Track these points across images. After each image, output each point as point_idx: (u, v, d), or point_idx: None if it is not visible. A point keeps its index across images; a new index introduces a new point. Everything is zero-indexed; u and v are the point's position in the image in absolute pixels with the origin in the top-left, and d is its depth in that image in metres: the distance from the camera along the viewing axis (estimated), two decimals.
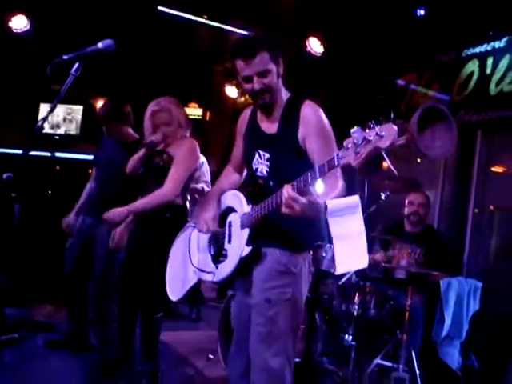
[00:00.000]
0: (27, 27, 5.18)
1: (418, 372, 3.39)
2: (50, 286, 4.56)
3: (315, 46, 5.52)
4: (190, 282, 2.55)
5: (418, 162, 4.99)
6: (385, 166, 5.30)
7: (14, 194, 5.28)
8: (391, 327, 3.62)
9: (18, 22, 5.17)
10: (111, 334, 3.62)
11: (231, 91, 6.77)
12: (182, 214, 3.07)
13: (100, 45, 2.14)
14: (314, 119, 2.21)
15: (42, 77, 2.14)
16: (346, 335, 3.66)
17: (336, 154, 1.82)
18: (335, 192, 2.11)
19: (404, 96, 5.49)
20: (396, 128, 1.68)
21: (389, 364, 3.54)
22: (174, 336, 4.61)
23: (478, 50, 4.66)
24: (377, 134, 1.69)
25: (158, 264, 2.81)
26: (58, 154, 6.11)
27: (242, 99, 6.59)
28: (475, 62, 4.69)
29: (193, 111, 7.58)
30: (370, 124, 1.71)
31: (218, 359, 3.70)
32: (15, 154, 5.33)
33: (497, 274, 4.37)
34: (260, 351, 2.22)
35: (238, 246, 2.29)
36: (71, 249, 3.87)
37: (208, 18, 5.77)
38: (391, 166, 1.80)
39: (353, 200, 2.05)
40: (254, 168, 2.34)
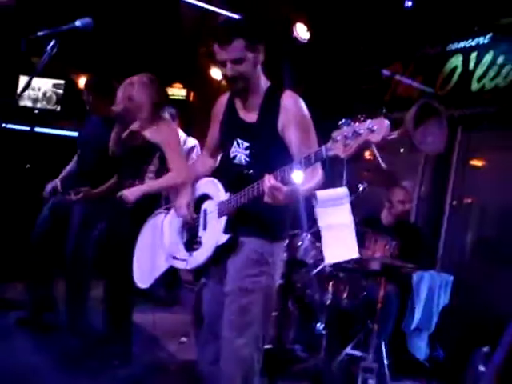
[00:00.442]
0: None
1: (386, 362, 3.44)
2: (21, 263, 4.51)
3: (302, 31, 5.48)
4: (160, 269, 2.54)
5: (400, 151, 5.02)
6: (366, 156, 5.35)
7: None
8: (363, 317, 3.66)
9: None
10: (83, 314, 3.63)
11: (216, 73, 6.69)
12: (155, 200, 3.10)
13: (78, 23, 2.11)
14: (294, 109, 2.20)
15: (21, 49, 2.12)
16: (318, 324, 3.70)
17: (324, 145, 1.82)
18: (315, 180, 2.12)
19: (389, 86, 5.49)
20: (388, 123, 1.68)
21: (359, 353, 3.59)
22: (147, 318, 4.57)
23: (462, 44, 4.66)
24: (368, 127, 1.70)
25: (130, 246, 2.80)
26: (38, 129, 6.00)
27: None
28: (459, 56, 4.69)
29: (177, 91, 7.49)
30: (360, 117, 1.72)
31: (191, 343, 3.71)
32: None
33: (469, 269, 4.46)
34: (231, 339, 2.23)
35: (214, 233, 2.28)
36: (43, 220, 3.80)
37: None
38: (380, 159, 1.80)
39: (341, 191, 2.09)
40: (232, 156, 2.32)
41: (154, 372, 3.49)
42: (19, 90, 3.94)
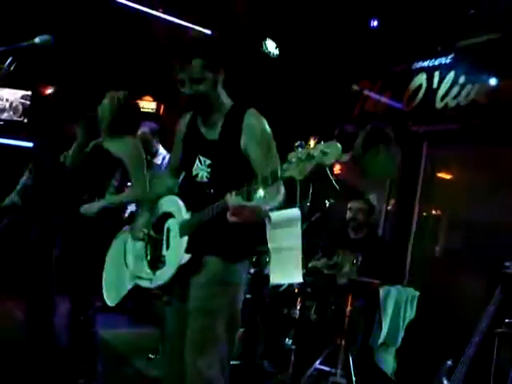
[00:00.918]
0: None
1: (354, 377, 3.46)
2: None
3: (271, 47, 5.54)
4: (126, 288, 2.51)
5: None
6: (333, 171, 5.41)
7: None
8: (331, 332, 3.68)
9: None
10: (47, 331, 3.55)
11: None
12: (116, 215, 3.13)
13: (37, 40, 2.15)
14: (257, 128, 2.22)
15: None
16: (287, 339, 3.71)
17: (280, 166, 1.84)
18: (278, 198, 2.12)
19: (357, 101, 5.59)
20: (340, 146, 1.72)
21: (327, 369, 3.60)
22: (115, 334, 4.55)
23: (426, 64, 4.80)
24: (321, 150, 1.73)
25: (92, 261, 2.81)
26: (1, 140, 5.92)
27: None
28: (423, 75, 4.82)
29: (147, 104, 7.45)
30: (313, 138, 1.76)
31: (159, 359, 3.68)
32: None
33: (435, 282, 4.53)
34: (195, 361, 2.20)
35: (176, 253, 2.27)
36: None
37: (164, 12, 5.68)
38: (333, 181, 1.84)
39: (293, 213, 2.09)
40: (194, 173, 2.32)
41: None
42: None
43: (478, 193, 4.33)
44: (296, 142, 1.79)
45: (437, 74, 4.68)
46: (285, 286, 3.65)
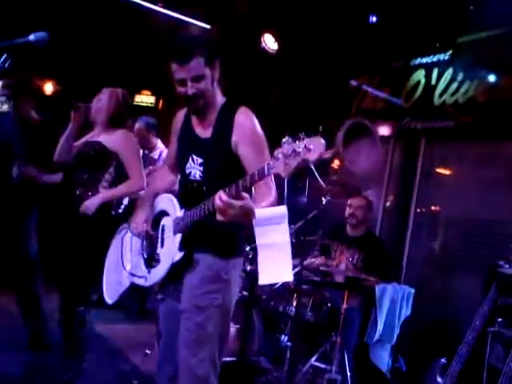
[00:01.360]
0: None
1: (349, 374, 3.47)
2: None
3: (270, 42, 5.52)
4: (123, 286, 2.52)
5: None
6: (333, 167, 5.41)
7: None
8: (327, 329, 3.69)
9: None
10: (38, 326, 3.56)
11: None
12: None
13: (31, 37, 2.09)
14: (248, 126, 2.21)
15: None
16: (283, 336, 3.71)
17: (267, 163, 1.83)
18: (269, 200, 2.12)
19: (354, 97, 5.57)
20: (323, 142, 1.71)
21: (322, 365, 3.61)
22: (111, 329, 4.56)
23: (424, 60, 4.78)
24: (305, 146, 1.71)
25: (81, 256, 2.83)
26: None
27: None
28: (422, 71, 4.80)
29: (145, 98, 7.45)
30: (300, 136, 1.73)
31: (156, 354, 3.68)
32: None
33: (432, 280, 4.54)
34: (187, 357, 2.21)
35: (170, 250, 2.28)
36: None
37: (163, 7, 5.66)
38: (319, 178, 1.82)
39: (280, 210, 2.08)
40: (187, 172, 2.32)
41: None
42: None
43: (476, 190, 4.33)
44: (284, 139, 1.78)
45: (435, 70, 4.66)
46: (280, 283, 3.65)
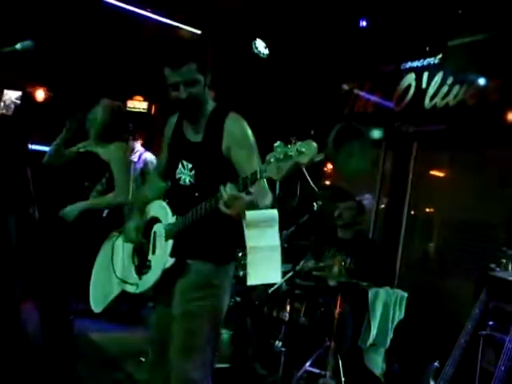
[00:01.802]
0: None
1: (343, 378, 3.47)
2: None
3: (261, 47, 5.53)
4: (113, 293, 2.51)
5: None
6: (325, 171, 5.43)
7: None
8: (321, 334, 3.69)
9: None
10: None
11: None
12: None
13: (18, 46, 2.14)
14: (238, 130, 2.22)
15: None
16: (277, 341, 3.71)
17: (259, 167, 1.85)
18: (267, 200, 2.12)
19: (347, 101, 5.59)
20: (315, 145, 1.73)
21: (317, 370, 3.61)
22: (105, 337, 4.53)
23: (415, 64, 4.81)
24: (297, 149, 1.73)
25: (63, 264, 2.84)
26: None
27: None
28: (412, 75, 4.84)
29: (138, 104, 7.44)
30: (291, 139, 1.75)
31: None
32: None
33: (425, 282, 4.55)
34: (180, 363, 2.21)
35: (161, 257, 2.28)
36: None
37: (153, 12, 5.67)
38: (311, 182, 1.84)
39: (271, 213, 2.09)
40: (177, 177, 2.33)
41: None
42: None
43: (468, 193, 4.35)
44: (276, 143, 1.79)
45: (426, 74, 4.70)
46: (273, 288, 3.65)
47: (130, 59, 6.12)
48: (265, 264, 2.07)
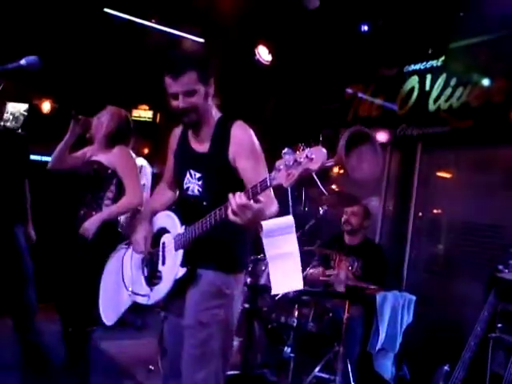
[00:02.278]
0: None
1: None
2: None
3: (264, 54, 5.55)
4: (125, 305, 2.52)
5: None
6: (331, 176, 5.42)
7: None
8: (329, 339, 3.68)
9: None
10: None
11: None
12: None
13: (23, 61, 2.11)
14: (244, 139, 2.23)
15: None
16: (286, 347, 3.70)
17: (268, 175, 1.85)
18: (273, 208, 2.12)
19: (350, 105, 5.59)
20: (325, 151, 1.73)
21: (326, 376, 3.60)
22: (115, 345, 4.54)
23: (417, 66, 4.80)
24: (307, 156, 1.73)
25: (91, 277, 2.78)
26: None
27: None
28: (415, 78, 4.82)
29: (143, 113, 7.47)
30: (300, 146, 1.76)
31: (160, 370, 3.67)
32: None
33: (433, 285, 4.53)
34: (191, 373, 2.22)
35: (172, 267, 2.28)
36: None
37: (157, 22, 5.70)
38: (321, 186, 1.84)
39: (287, 220, 2.08)
40: (185, 187, 2.34)
41: None
42: None
43: (474, 194, 4.33)
44: (284, 149, 1.80)
45: (429, 76, 4.68)
46: (281, 295, 3.64)
47: (134, 68, 6.16)
48: (286, 272, 2.07)
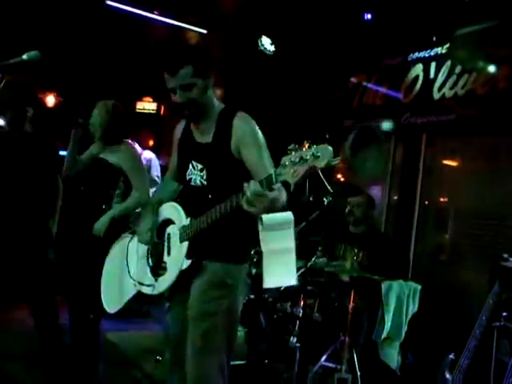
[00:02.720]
0: None
1: (359, 373, 3.47)
2: None
3: (267, 44, 5.53)
4: (129, 294, 2.55)
5: None
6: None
7: None
8: (335, 329, 3.68)
9: None
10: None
11: None
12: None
13: (24, 56, 2.16)
14: (247, 130, 2.24)
15: None
16: (291, 337, 3.71)
17: (274, 170, 1.85)
18: (284, 198, 2.08)
19: (355, 94, 5.57)
20: (331, 149, 1.74)
21: (332, 365, 3.61)
22: (122, 336, 4.59)
23: (422, 54, 4.77)
24: (313, 154, 1.74)
25: (93, 266, 2.82)
26: None
27: None
28: (420, 66, 4.80)
29: (147, 105, 7.50)
30: (305, 142, 1.77)
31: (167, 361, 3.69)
32: None
33: (438, 274, 4.53)
34: (196, 363, 2.24)
35: (177, 258, 2.30)
36: None
37: (160, 14, 5.69)
38: (326, 183, 1.84)
39: (287, 216, 2.09)
40: (188, 178, 2.36)
41: None
42: None
43: (479, 182, 4.32)
44: (290, 146, 1.80)
45: (433, 64, 4.65)
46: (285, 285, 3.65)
47: (138, 61, 6.16)
48: (280, 267, 2.09)
